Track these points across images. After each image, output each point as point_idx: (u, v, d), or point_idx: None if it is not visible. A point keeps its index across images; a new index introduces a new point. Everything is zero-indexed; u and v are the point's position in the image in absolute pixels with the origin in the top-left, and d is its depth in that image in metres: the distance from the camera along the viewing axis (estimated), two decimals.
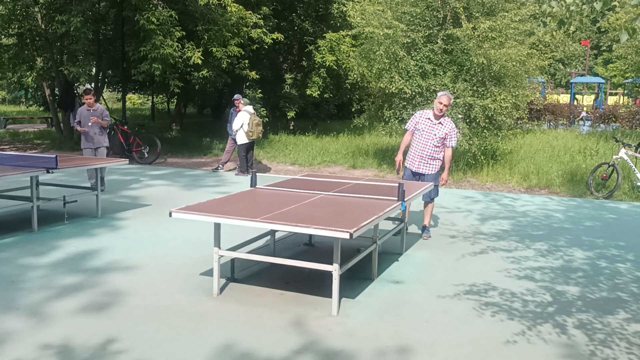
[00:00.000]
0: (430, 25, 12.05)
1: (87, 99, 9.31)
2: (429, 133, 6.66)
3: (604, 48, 44.97)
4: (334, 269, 4.39)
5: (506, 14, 11.52)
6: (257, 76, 16.15)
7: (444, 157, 6.78)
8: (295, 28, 19.40)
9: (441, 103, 6.54)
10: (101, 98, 19.47)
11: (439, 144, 6.66)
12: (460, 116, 11.56)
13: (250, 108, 11.99)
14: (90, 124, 9.18)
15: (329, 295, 4.50)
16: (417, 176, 6.82)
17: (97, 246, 6.26)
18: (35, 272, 5.32)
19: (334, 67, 17.30)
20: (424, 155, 6.71)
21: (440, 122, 6.63)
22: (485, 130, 11.97)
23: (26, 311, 4.39)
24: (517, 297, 4.92)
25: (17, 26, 15.49)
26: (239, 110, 11.98)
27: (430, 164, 6.74)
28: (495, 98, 11.40)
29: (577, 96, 30.31)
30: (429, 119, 6.69)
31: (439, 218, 8.11)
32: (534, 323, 4.34)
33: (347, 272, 4.90)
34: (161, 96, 27.97)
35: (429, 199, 6.92)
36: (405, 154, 7.00)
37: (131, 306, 4.54)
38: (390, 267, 5.73)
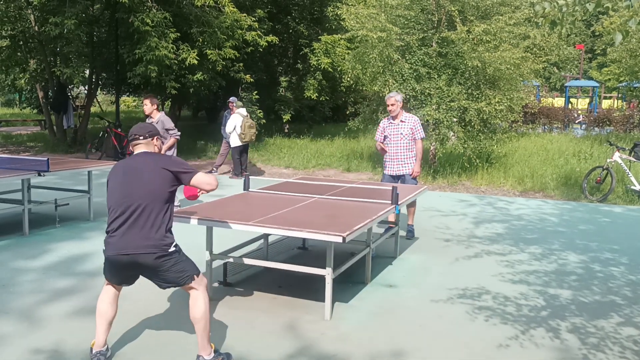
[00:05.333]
0: (425, 29, 12.05)
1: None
2: (396, 135, 6.96)
3: (599, 52, 45.10)
4: (327, 273, 4.37)
5: (501, 17, 11.53)
6: (251, 79, 16.11)
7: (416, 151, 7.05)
8: (290, 31, 19.36)
9: (388, 105, 6.90)
10: (95, 100, 19.38)
11: (410, 140, 6.94)
12: (454, 119, 11.56)
13: (243, 111, 11.95)
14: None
15: (322, 299, 4.47)
16: (398, 179, 7.02)
17: (89, 249, 6.22)
18: (27, 276, 5.28)
19: (329, 69, 17.28)
20: (399, 157, 6.96)
21: (402, 121, 6.93)
22: (480, 134, 11.97)
23: (17, 315, 4.35)
24: (511, 301, 4.91)
25: (10, 28, 15.40)
26: (233, 113, 11.95)
27: (408, 163, 6.97)
28: (489, 101, 11.40)
29: (571, 100, 30.43)
30: (391, 122, 7.02)
31: (434, 221, 8.10)
32: (527, 327, 4.33)
33: (340, 276, 4.88)
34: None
35: None
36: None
37: (122, 310, 4.48)
38: (383, 270, 5.71)
